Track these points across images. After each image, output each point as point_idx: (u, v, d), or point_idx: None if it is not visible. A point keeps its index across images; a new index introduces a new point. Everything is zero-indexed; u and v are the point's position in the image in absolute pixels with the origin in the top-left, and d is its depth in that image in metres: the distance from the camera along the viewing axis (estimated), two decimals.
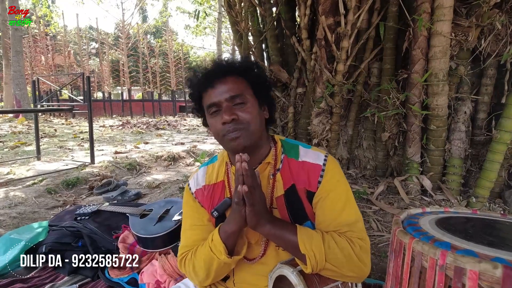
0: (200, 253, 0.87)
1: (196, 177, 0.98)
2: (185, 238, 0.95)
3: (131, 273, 1.63)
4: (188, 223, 0.96)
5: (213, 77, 0.82)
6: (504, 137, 1.76)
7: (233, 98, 0.81)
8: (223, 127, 0.80)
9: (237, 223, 0.79)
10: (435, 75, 1.86)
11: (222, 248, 0.81)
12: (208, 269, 0.85)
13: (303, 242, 0.75)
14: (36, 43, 16.76)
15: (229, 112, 0.79)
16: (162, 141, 7.01)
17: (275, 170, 0.88)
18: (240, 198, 0.74)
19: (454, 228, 0.67)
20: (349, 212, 0.82)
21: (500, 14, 1.77)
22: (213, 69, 0.85)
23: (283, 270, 0.80)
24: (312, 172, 0.85)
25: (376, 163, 2.36)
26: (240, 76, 0.84)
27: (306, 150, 0.90)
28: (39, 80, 5.91)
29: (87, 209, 2.09)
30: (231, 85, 0.82)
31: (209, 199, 0.93)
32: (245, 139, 0.80)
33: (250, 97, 0.84)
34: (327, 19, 2.14)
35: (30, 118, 10.37)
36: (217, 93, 0.81)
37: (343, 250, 0.75)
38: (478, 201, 1.86)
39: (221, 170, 0.95)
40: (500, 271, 0.47)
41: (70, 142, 6.61)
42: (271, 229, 0.78)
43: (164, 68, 18.93)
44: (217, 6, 15.57)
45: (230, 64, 0.86)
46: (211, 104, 0.82)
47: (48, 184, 3.23)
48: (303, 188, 0.85)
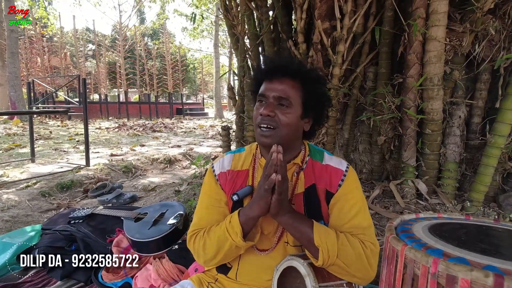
0: (214, 232, 0.91)
1: (221, 161, 1.03)
2: (199, 216, 0.99)
3: (125, 278, 1.62)
4: (205, 201, 1.00)
5: (274, 72, 0.89)
6: (498, 142, 1.78)
7: (280, 99, 0.87)
8: (260, 117, 0.88)
9: (260, 209, 0.83)
10: (430, 80, 1.87)
11: (239, 230, 0.84)
12: (219, 249, 0.88)
13: (318, 234, 0.80)
14: (32, 44, 16.67)
15: (269, 108, 0.86)
16: (158, 144, 6.99)
17: (299, 169, 0.95)
18: (271, 186, 0.79)
19: (447, 235, 0.67)
20: (363, 217, 0.88)
21: (494, 20, 1.79)
22: (279, 66, 0.90)
23: (293, 261, 0.83)
24: (334, 175, 0.93)
25: (372, 166, 2.37)
26: (299, 83, 0.89)
27: (330, 156, 0.98)
28: (35, 82, 5.87)
29: (81, 213, 2.08)
30: (285, 87, 0.87)
31: (231, 184, 0.98)
32: (272, 139, 0.86)
33: (296, 104, 0.89)
34: (323, 23, 2.15)
35: (25, 120, 10.28)
36: (270, 88, 0.88)
37: (354, 249, 0.80)
38: (473, 205, 1.87)
39: (247, 159, 1.01)
40: (492, 279, 0.47)
41: (65, 145, 6.56)
42: (290, 219, 0.83)
43: (161, 71, 18.91)
44: (214, 9, 15.61)
45: (297, 68, 0.90)
46: (261, 94, 0.90)
47: (42, 187, 3.20)
48: (323, 188, 0.92)
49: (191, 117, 17.84)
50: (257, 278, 0.93)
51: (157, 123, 12.80)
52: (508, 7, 1.77)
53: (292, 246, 0.92)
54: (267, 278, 0.91)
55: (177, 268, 1.57)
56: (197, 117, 18.03)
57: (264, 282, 0.92)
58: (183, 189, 2.93)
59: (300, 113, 0.90)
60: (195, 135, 9.16)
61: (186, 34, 20.50)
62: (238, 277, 0.96)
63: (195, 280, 1.02)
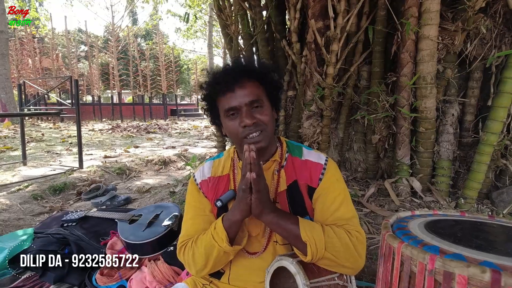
0: (201, 241, 0.90)
1: (202, 169, 1.03)
2: (186, 227, 0.98)
3: (119, 281, 1.59)
4: (190, 212, 1.00)
5: (232, 82, 0.86)
6: (491, 139, 1.80)
7: (252, 103, 0.86)
8: (243, 129, 0.86)
9: (241, 212, 0.82)
10: (423, 78, 1.88)
11: (224, 236, 0.84)
12: (208, 257, 0.88)
13: (304, 230, 0.80)
14: (23, 45, 16.44)
15: (250, 116, 0.85)
16: (152, 145, 6.94)
17: (280, 166, 0.95)
18: (248, 186, 0.78)
19: (443, 231, 0.67)
20: (346, 209, 0.88)
21: (485, 18, 1.81)
22: (231, 73, 0.88)
23: (282, 261, 0.83)
24: (314, 169, 0.92)
25: (366, 165, 2.38)
26: (257, 80, 0.89)
27: (308, 151, 0.98)
28: (26, 83, 5.79)
29: (74, 215, 2.04)
30: (250, 90, 0.86)
31: (214, 190, 0.98)
32: (264, 141, 0.87)
33: (265, 100, 0.90)
34: (316, 22, 2.15)
35: (16, 122, 10.13)
36: (236, 98, 0.85)
37: (341, 240, 0.80)
38: (467, 202, 1.88)
39: (226, 164, 1.00)
40: (489, 275, 0.47)
41: (58, 147, 6.48)
42: (274, 218, 0.82)
43: (155, 71, 18.79)
44: (207, 10, 15.57)
45: (249, 69, 0.89)
46: (230, 108, 0.86)
47: (34, 190, 3.15)
48: (305, 183, 0.92)
49: (186, 118, 17.75)
50: (250, 281, 0.93)
51: (151, 125, 12.71)
52: (499, 6, 1.79)
53: (281, 245, 0.92)
54: (260, 280, 0.91)
55: (172, 270, 1.55)
56: (192, 118, 17.95)
57: (257, 285, 0.92)
58: (178, 190, 2.91)
59: (271, 106, 0.92)
60: (190, 136, 9.12)
61: (180, 35, 20.38)
62: (230, 281, 0.95)
63: (190, 282, 1.02)
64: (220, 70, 0.90)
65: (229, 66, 0.91)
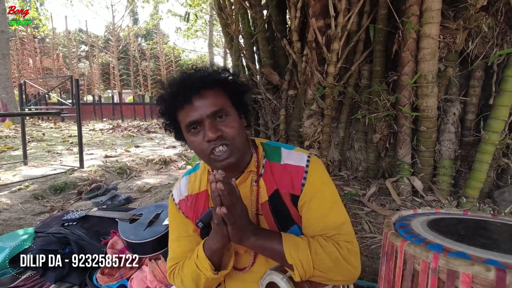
0: (187, 268, 0.85)
1: (179, 187, 0.95)
2: (172, 249, 0.94)
3: (120, 280, 1.59)
4: (174, 234, 0.94)
5: (189, 93, 0.76)
6: (492, 138, 1.79)
7: (215, 114, 0.76)
8: (208, 144, 0.76)
9: (220, 242, 0.77)
10: (424, 77, 1.87)
11: (207, 265, 0.79)
12: (197, 284, 0.84)
13: (289, 252, 0.74)
14: (24, 45, 16.45)
15: (214, 129, 0.75)
16: (153, 145, 6.94)
17: (258, 176, 0.85)
18: (220, 220, 0.71)
19: (446, 229, 0.66)
20: (335, 214, 0.80)
21: (487, 17, 1.80)
22: (188, 83, 0.77)
23: (273, 276, 0.79)
24: (295, 174, 0.82)
25: (367, 164, 2.37)
26: (217, 87, 0.79)
27: (288, 151, 0.86)
28: (27, 83, 5.79)
29: (74, 215, 2.04)
30: (211, 100, 0.76)
31: (193, 210, 0.90)
32: (234, 156, 0.77)
33: (230, 108, 0.79)
34: (317, 21, 2.15)
35: (17, 122, 10.14)
36: (196, 110, 0.76)
37: (330, 255, 0.74)
38: (468, 201, 1.88)
39: (203, 179, 0.91)
40: (493, 273, 0.46)
41: (58, 146, 6.48)
42: (256, 241, 0.76)
43: (156, 71, 18.81)
44: (208, 9, 15.56)
45: (205, 76, 0.78)
46: (191, 122, 0.76)
47: (35, 190, 3.15)
48: (287, 192, 0.83)
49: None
50: None
51: (152, 124, 12.72)
52: (500, 4, 1.79)
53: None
54: None
55: None
56: None
57: None
58: None
59: (237, 115, 0.81)
60: None
61: (180, 35, 20.36)
62: None
63: None
64: (175, 81, 0.80)
65: (185, 74, 0.80)
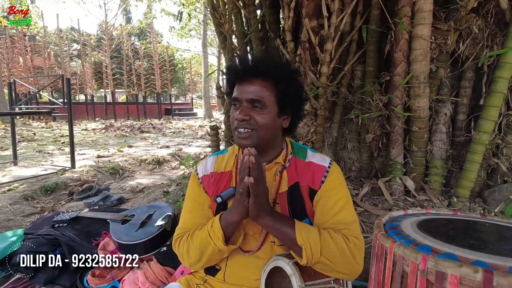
0: (197, 236, 0.90)
1: (204, 164, 1.02)
2: (184, 220, 0.99)
3: (111, 282, 1.57)
4: (189, 205, 1.00)
5: (244, 74, 0.87)
6: (483, 138, 1.81)
7: (253, 101, 0.85)
8: (236, 121, 0.86)
9: (239, 214, 0.82)
10: (416, 78, 1.89)
11: (220, 235, 0.84)
12: (202, 253, 0.88)
13: (300, 234, 0.80)
14: (14, 44, 16.18)
15: (244, 112, 0.85)
16: (146, 145, 6.89)
17: (282, 168, 0.94)
18: (245, 190, 0.78)
19: (436, 230, 0.66)
20: (347, 213, 0.87)
21: (477, 18, 1.82)
22: (248, 66, 0.87)
23: (279, 261, 0.83)
24: (317, 172, 0.91)
25: (360, 164, 2.38)
26: (271, 81, 0.87)
27: (313, 153, 0.97)
28: (17, 82, 5.70)
29: (65, 216, 2.02)
30: (255, 88, 0.85)
31: (215, 186, 0.97)
32: (251, 140, 0.85)
33: (271, 104, 0.87)
34: (310, 21, 2.15)
35: (7, 121, 9.98)
36: (242, 91, 0.86)
37: (337, 245, 0.79)
38: (459, 200, 1.90)
39: (230, 161, 1.00)
40: (481, 275, 0.46)
41: (49, 146, 6.40)
42: (270, 221, 0.82)
43: (149, 70, 18.65)
44: (202, 8, 15.49)
45: (266, 68, 0.87)
46: (234, 97, 0.88)
47: (25, 190, 3.10)
48: (306, 185, 0.91)
49: (180, 118, 17.66)
50: (245, 279, 0.93)
51: (145, 124, 12.62)
52: (490, 6, 1.81)
53: (279, 246, 0.91)
54: (255, 278, 0.91)
55: (165, 271, 1.54)
56: (186, 117, 17.87)
57: (253, 282, 0.92)
58: (172, 189, 2.89)
59: (276, 112, 0.88)
60: (184, 135, 9.07)
61: (174, 34, 20.22)
62: (226, 278, 0.95)
63: (183, 282, 1.01)
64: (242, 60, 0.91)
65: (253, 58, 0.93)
